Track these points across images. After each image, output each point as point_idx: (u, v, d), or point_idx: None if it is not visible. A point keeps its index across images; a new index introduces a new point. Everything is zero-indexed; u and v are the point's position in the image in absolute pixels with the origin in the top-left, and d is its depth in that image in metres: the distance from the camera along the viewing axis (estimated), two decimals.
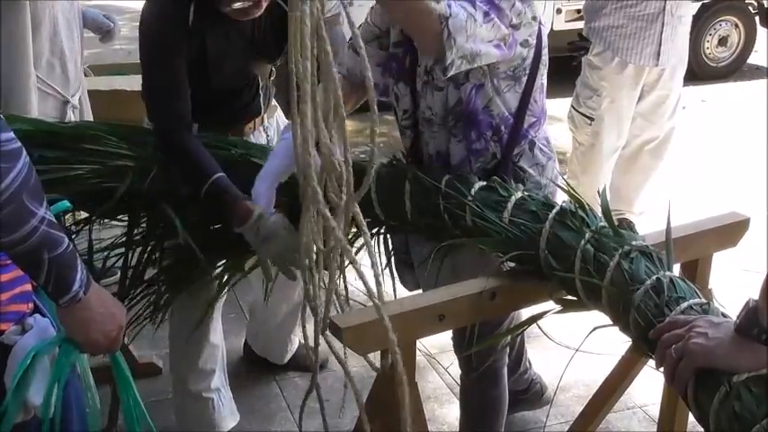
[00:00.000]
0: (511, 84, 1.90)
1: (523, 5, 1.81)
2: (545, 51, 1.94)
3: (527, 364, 2.62)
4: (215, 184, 1.92)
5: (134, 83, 2.30)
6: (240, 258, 2.19)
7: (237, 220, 1.89)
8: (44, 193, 1.27)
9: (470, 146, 1.94)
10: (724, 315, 1.39)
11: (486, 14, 1.73)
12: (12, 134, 1.21)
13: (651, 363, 1.54)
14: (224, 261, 2.21)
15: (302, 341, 2.99)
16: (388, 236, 2.13)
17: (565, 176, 3.49)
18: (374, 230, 2.06)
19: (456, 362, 2.28)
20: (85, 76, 3.10)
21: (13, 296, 1.42)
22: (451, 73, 1.77)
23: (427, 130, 1.99)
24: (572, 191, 1.74)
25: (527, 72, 1.91)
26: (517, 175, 1.98)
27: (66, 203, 1.58)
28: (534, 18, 1.86)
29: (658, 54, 3.41)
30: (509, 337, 1.98)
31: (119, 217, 2.18)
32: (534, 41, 1.89)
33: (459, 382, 2.59)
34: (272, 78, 2.44)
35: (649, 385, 2.15)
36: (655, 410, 2.23)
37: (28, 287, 1.45)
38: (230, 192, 1.92)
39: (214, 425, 2.52)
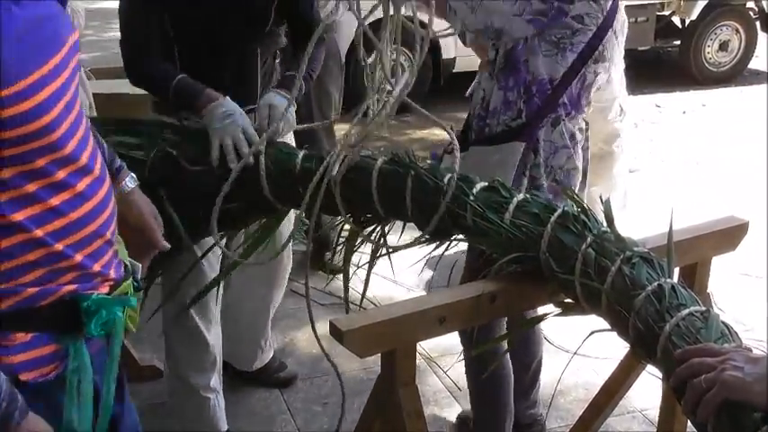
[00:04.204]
0: (551, 50, 1.97)
1: None
2: (603, 49, 2.00)
3: (538, 398, 2.52)
4: (179, 84, 2.15)
5: (136, 87, 2.34)
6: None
7: (203, 104, 2.10)
8: None
9: (505, 94, 2.02)
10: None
11: None
12: None
13: (650, 368, 1.54)
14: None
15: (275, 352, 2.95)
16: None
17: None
18: (376, 227, 2.06)
19: (456, 366, 2.28)
20: (88, 79, 3.10)
21: None
22: (470, 44, 2.06)
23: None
24: (575, 195, 1.74)
25: (574, 48, 1.97)
26: (534, 145, 2.02)
27: None
28: (595, 1, 1.93)
29: None
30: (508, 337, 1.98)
31: None
32: (592, 25, 1.95)
33: (458, 385, 2.60)
34: (276, 60, 2.44)
35: (649, 389, 2.16)
36: (654, 414, 2.24)
37: None
38: (193, 86, 2.15)
39: (213, 424, 2.51)
